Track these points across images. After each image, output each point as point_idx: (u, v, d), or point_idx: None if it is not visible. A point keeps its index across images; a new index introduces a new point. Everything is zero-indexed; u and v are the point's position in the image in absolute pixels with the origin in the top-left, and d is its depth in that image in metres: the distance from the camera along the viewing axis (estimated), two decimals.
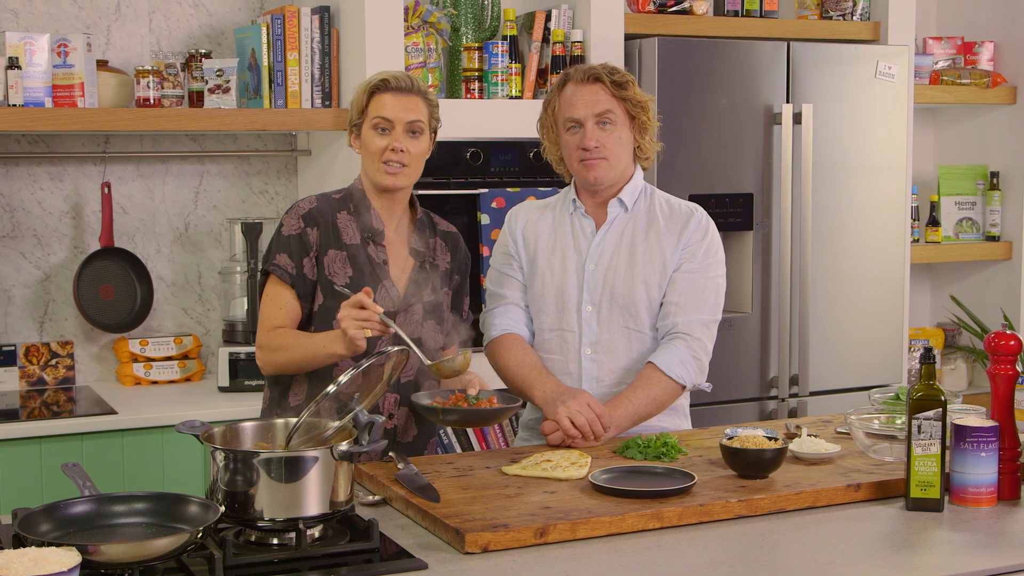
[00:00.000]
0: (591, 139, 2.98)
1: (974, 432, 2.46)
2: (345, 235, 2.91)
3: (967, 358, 5.26)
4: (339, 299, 2.83)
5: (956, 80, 5.04)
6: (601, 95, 2.98)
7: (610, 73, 3.01)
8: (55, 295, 4.14)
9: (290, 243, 2.90)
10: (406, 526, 2.35)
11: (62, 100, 3.77)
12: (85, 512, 2.13)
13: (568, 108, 3.01)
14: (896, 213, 4.61)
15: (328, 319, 2.87)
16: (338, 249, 2.90)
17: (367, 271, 2.89)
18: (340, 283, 2.88)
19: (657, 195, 3.12)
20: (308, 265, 2.89)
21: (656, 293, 3.03)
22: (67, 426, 3.59)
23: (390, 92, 2.88)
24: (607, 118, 2.98)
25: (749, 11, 4.49)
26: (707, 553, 2.21)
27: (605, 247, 3.05)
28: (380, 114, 2.88)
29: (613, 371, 3.03)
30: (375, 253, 2.92)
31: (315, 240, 2.89)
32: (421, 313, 2.94)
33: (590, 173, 3.01)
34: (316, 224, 2.90)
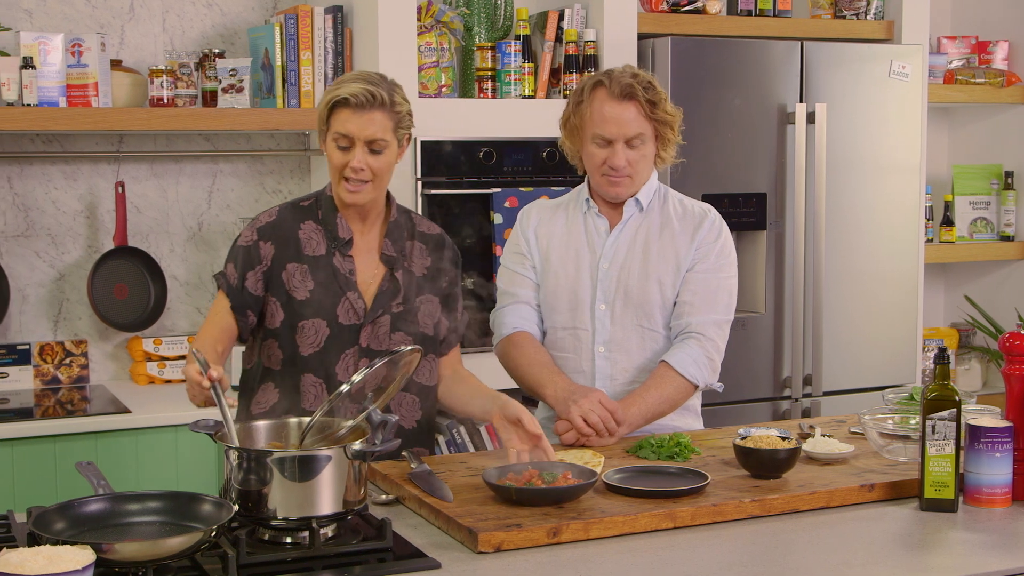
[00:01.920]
0: (620, 160, 2.96)
1: (989, 432, 2.45)
2: (308, 247, 2.80)
3: (981, 358, 5.24)
4: (297, 316, 2.76)
5: (970, 79, 5.03)
6: (634, 115, 2.94)
7: (645, 89, 2.96)
8: (69, 294, 4.16)
9: (242, 254, 2.81)
10: (419, 525, 2.35)
11: (76, 100, 3.78)
12: (99, 511, 2.14)
13: (599, 124, 2.96)
14: (910, 213, 4.60)
15: (290, 336, 2.78)
16: (299, 262, 2.79)
17: (330, 283, 2.79)
18: (300, 297, 2.77)
19: (671, 195, 3.12)
20: (252, 279, 2.78)
21: (670, 292, 3.03)
22: (81, 425, 3.60)
23: (349, 108, 2.71)
24: (638, 140, 2.96)
25: (762, 10, 4.48)
26: (720, 553, 2.21)
27: (619, 246, 3.05)
28: (339, 130, 2.72)
29: (627, 370, 3.03)
30: (341, 264, 2.81)
31: (268, 255, 2.79)
32: (390, 325, 2.82)
33: (613, 189, 3.01)
34: (271, 238, 2.80)
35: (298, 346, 2.79)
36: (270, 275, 2.79)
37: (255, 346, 2.89)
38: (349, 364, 2.80)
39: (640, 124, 2.95)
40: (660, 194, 3.10)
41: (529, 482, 2.38)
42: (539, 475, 2.41)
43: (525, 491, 2.34)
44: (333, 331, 2.78)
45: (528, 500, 2.34)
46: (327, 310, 2.78)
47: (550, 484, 2.38)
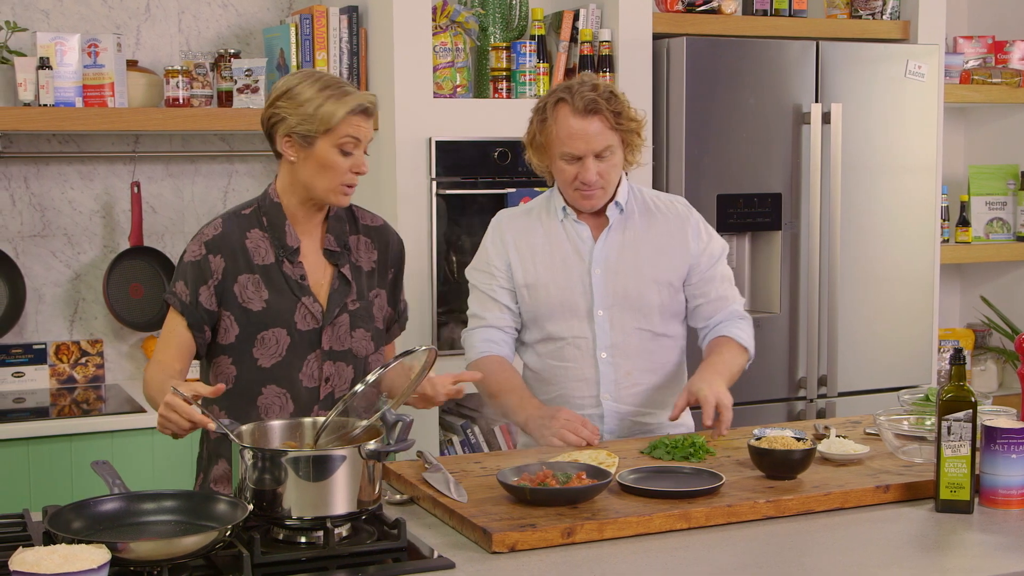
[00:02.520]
0: (591, 174, 2.94)
1: (1005, 433, 2.44)
2: (256, 256, 2.73)
3: (997, 359, 5.22)
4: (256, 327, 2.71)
5: (987, 79, 5.01)
6: (600, 129, 2.92)
7: (608, 101, 2.93)
8: (85, 294, 4.17)
9: (191, 270, 2.71)
10: (433, 525, 2.36)
11: (92, 100, 3.80)
12: (115, 510, 2.14)
13: (567, 142, 2.94)
14: (926, 213, 4.58)
15: (247, 350, 2.73)
16: (250, 272, 2.73)
17: (284, 291, 2.74)
18: (256, 308, 2.72)
19: (645, 192, 3.14)
20: (205, 294, 2.70)
21: (667, 293, 3.04)
22: (97, 424, 3.61)
23: (363, 114, 2.70)
24: (607, 152, 2.95)
25: (778, 10, 4.47)
26: (735, 554, 2.21)
27: (609, 251, 3.04)
28: (353, 134, 2.69)
29: (630, 372, 3.04)
30: (291, 271, 2.74)
31: (219, 268, 2.71)
32: (348, 323, 2.79)
33: (587, 202, 3.01)
34: (220, 251, 2.71)
35: (256, 359, 2.73)
36: (222, 289, 2.72)
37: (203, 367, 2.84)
38: (313, 369, 2.75)
39: (607, 136, 2.93)
40: (634, 192, 3.11)
41: (543, 482, 2.39)
42: (553, 475, 2.42)
43: (539, 491, 2.34)
44: (294, 339, 2.73)
45: (542, 500, 2.34)
46: (285, 318, 2.73)
47: (564, 484, 2.38)
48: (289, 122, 2.68)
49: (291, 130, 2.68)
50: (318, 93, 2.67)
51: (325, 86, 2.69)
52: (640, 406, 3.06)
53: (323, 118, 2.66)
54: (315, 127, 2.67)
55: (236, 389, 2.74)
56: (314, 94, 2.67)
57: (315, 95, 2.67)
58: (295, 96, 2.68)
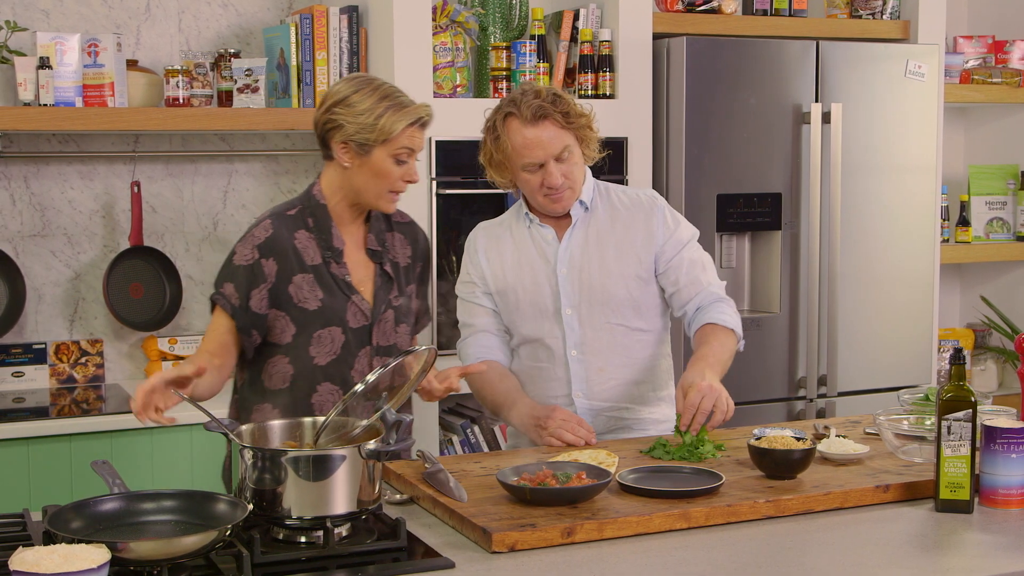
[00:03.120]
0: (556, 177, 2.95)
1: (1005, 433, 2.44)
2: (306, 256, 2.80)
3: (997, 359, 5.22)
4: (312, 326, 2.76)
5: (987, 79, 5.01)
6: (554, 132, 2.93)
7: (553, 104, 2.94)
8: (85, 293, 4.17)
9: (239, 273, 2.77)
10: (433, 525, 2.36)
11: (92, 100, 3.80)
12: (114, 509, 2.15)
13: (524, 152, 2.94)
14: (926, 213, 4.58)
15: (304, 349, 2.78)
16: (303, 272, 2.79)
17: (335, 291, 2.80)
18: (312, 307, 2.77)
19: (612, 189, 3.13)
20: (256, 298, 2.76)
21: (636, 286, 3.03)
22: (97, 424, 3.61)
23: (420, 126, 2.79)
24: (566, 152, 2.95)
25: (778, 10, 4.48)
26: (734, 554, 2.21)
27: (573, 249, 3.05)
28: (409, 145, 2.77)
29: (602, 368, 3.04)
30: (338, 271, 2.82)
31: (272, 272, 2.76)
32: (393, 319, 2.86)
33: (557, 205, 3.01)
34: (272, 254, 2.77)
35: (313, 358, 2.79)
36: (276, 292, 2.77)
37: (247, 366, 2.87)
38: (363, 366, 2.82)
39: (562, 138, 2.94)
40: (600, 190, 3.11)
41: (543, 482, 2.39)
42: (553, 475, 2.42)
43: (539, 491, 2.34)
44: (347, 336, 2.80)
45: (542, 500, 2.34)
46: (339, 316, 2.80)
47: (564, 484, 2.38)
48: (347, 130, 2.75)
49: (348, 137, 2.75)
50: (377, 103, 2.74)
51: (384, 96, 2.75)
52: (616, 401, 3.06)
53: (383, 129, 2.73)
54: (374, 137, 2.74)
55: (292, 388, 2.80)
56: (373, 104, 2.73)
57: (374, 105, 2.73)
58: (353, 104, 2.74)
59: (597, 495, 2.39)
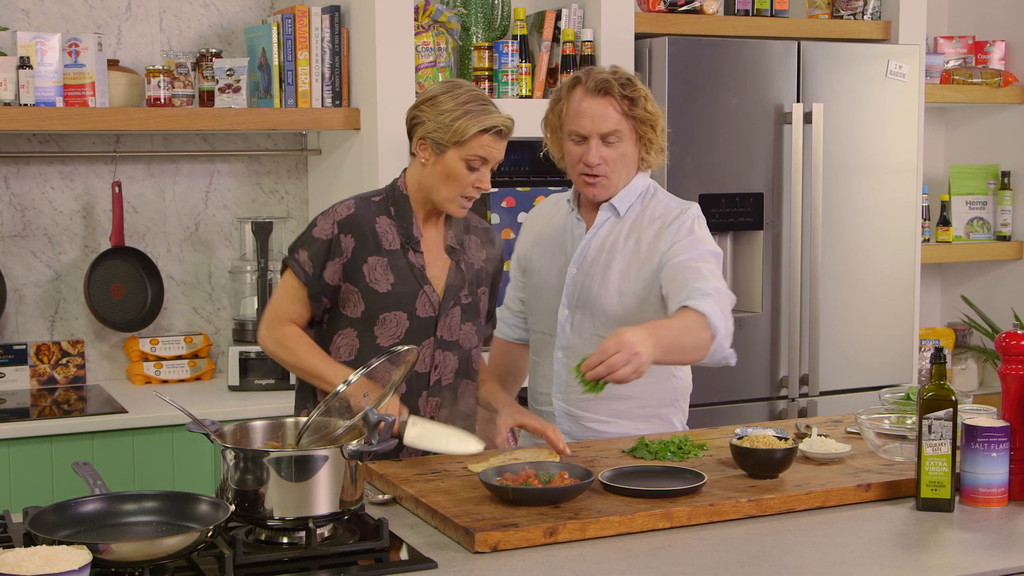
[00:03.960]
0: (594, 156, 2.91)
1: (985, 432, 2.45)
2: (384, 240, 2.87)
3: (978, 358, 5.25)
4: (379, 308, 2.84)
5: (967, 79, 5.03)
6: (610, 111, 2.90)
7: (622, 85, 2.91)
8: (66, 294, 4.15)
9: (316, 244, 2.85)
10: (416, 525, 2.36)
11: (73, 100, 3.78)
12: (96, 511, 2.14)
13: (575, 120, 2.93)
14: (907, 213, 4.60)
15: (369, 328, 2.85)
16: (379, 255, 2.86)
17: (408, 277, 2.87)
18: (382, 290, 2.84)
19: (658, 198, 3.02)
20: (331, 269, 2.84)
21: (632, 304, 2.93)
22: (78, 425, 3.60)
23: (495, 135, 2.81)
24: (614, 137, 2.92)
25: (760, 10, 4.49)
26: (717, 553, 2.21)
27: (589, 251, 3.00)
28: (481, 154, 2.79)
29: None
30: (415, 259, 2.88)
31: (349, 248, 2.84)
32: (460, 316, 2.93)
33: (589, 190, 2.98)
34: (351, 231, 2.85)
35: (376, 338, 2.85)
36: (351, 267, 2.85)
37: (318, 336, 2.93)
38: (425, 356, 2.88)
39: (615, 120, 2.91)
40: (644, 198, 3.01)
41: (526, 482, 2.39)
42: (536, 475, 2.42)
43: (522, 491, 2.35)
44: (412, 324, 2.86)
45: (525, 500, 2.35)
46: (407, 303, 2.86)
47: (547, 484, 2.38)
48: (427, 127, 2.82)
49: (427, 134, 2.83)
50: (459, 106, 2.80)
51: (467, 100, 2.81)
52: (595, 412, 3.01)
53: (456, 131, 2.79)
54: (448, 137, 2.80)
55: (355, 363, 2.83)
56: (454, 106, 2.80)
57: (455, 107, 2.80)
58: (438, 104, 2.82)
59: (579, 495, 2.39)
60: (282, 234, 4.27)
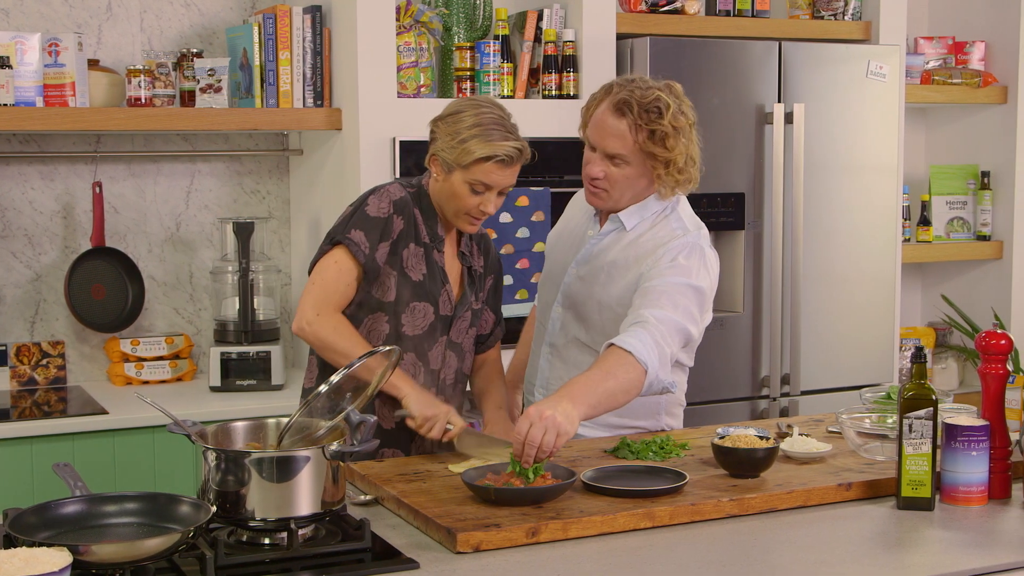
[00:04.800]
0: (596, 169, 2.86)
1: (965, 431, 2.46)
2: (421, 232, 2.89)
3: (958, 357, 5.27)
4: (411, 296, 2.84)
5: (947, 80, 5.05)
6: (620, 135, 2.80)
7: (647, 112, 2.77)
8: (46, 295, 4.14)
9: (373, 224, 2.82)
10: (398, 526, 2.35)
11: (53, 100, 3.77)
12: (76, 512, 2.13)
13: (591, 129, 2.88)
14: (887, 212, 4.61)
15: (398, 315, 2.86)
16: (417, 244, 2.87)
17: (435, 272, 2.89)
18: (415, 278, 2.85)
19: (669, 221, 2.91)
20: (383, 251, 2.83)
21: (609, 318, 2.89)
22: (58, 426, 3.58)
23: (500, 163, 2.78)
24: (619, 160, 2.83)
25: (741, 11, 4.49)
26: (698, 552, 2.22)
27: (590, 257, 2.98)
28: (483, 180, 2.78)
29: (561, 378, 2.97)
30: (438, 259, 2.91)
31: (397, 230, 2.84)
32: (469, 320, 2.97)
33: (591, 199, 2.95)
34: (402, 214, 2.85)
35: (403, 325, 2.87)
36: (395, 249, 2.85)
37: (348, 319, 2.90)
38: (438, 352, 2.91)
39: (623, 145, 2.80)
40: (657, 218, 2.92)
41: (508, 482, 2.39)
42: (517, 475, 2.42)
43: (504, 491, 2.35)
44: (435, 318, 2.89)
45: (507, 500, 2.35)
46: (434, 296, 2.88)
47: (529, 484, 2.38)
48: (438, 144, 2.84)
49: (437, 152, 2.84)
50: (468, 129, 2.79)
51: (477, 124, 2.79)
52: None
53: (459, 154, 2.79)
54: (453, 159, 2.80)
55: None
56: (464, 128, 2.79)
57: (463, 129, 2.79)
58: (452, 123, 2.82)
59: (562, 495, 2.39)
60: (263, 234, 4.26)
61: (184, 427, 2.28)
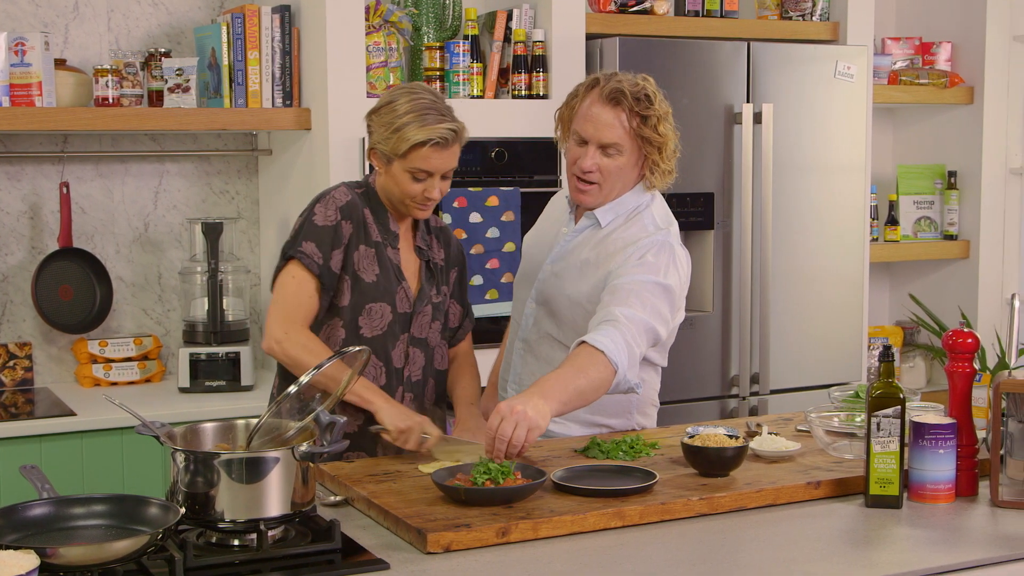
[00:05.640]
0: (589, 162, 2.86)
1: (932, 429, 2.48)
2: (371, 231, 2.88)
3: (926, 356, 5.30)
4: (366, 298, 2.84)
5: (914, 80, 5.08)
6: (616, 124, 2.84)
7: (637, 100, 2.85)
8: (13, 296, 4.11)
9: (322, 233, 2.81)
10: (368, 526, 2.35)
11: (19, 99, 3.74)
12: (44, 514, 2.11)
13: (581, 122, 2.88)
14: (855, 212, 4.64)
15: (354, 318, 2.85)
16: (368, 246, 2.87)
17: (389, 271, 2.88)
18: (368, 279, 2.84)
19: (642, 218, 2.94)
20: (336, 258, 2.83)
21: (579, 315, 2.89)
22: (25, 428, 3.56)
23: (434, 147, 2.78)
24: (613, 149, 2.86)
25: (710, 11, 4.51)
26: (669, 551, 2.22)
27: (564, 254, 3.00)
28: (422, 167, 2.78)
29: (534, 373, 2.99)
30: (392, 255, 2.90)
31: (347, 234, 2.83)
32: (431, 314, 2.96)
33: (578, 195, 2.94)
34: (350, 218, 2.84)
35: (360, 328, 2.86)
36: (347, 254, 2.84)
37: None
38: (401, 351, 2.89)
39: (619, 134, 2.84)
40: (631, 216, 2.95)
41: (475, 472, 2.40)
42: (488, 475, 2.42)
43: (474, 491, 2.34)
44: (394, 317, 2.88)
45: (477, 500, 2.35)
46: (390, 295, 2.87)
47: (499, 484, 2.38)
48: (374, 137, 2.84)
49: (375, 145, 2.84)
50: (399, 118, 2.78)
51: (410, 111, 2.78)
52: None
53: (396, 143, 2.78)
54: (389, 149, 2.80)
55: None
56: (395, 117, 2.78)
57: (396, 119, 2.78)
58: (383, 114, 2.82)
59: (532, 495, 2.39)
60: (232, 235, 4.24)
61: (153, 428, 2.27)
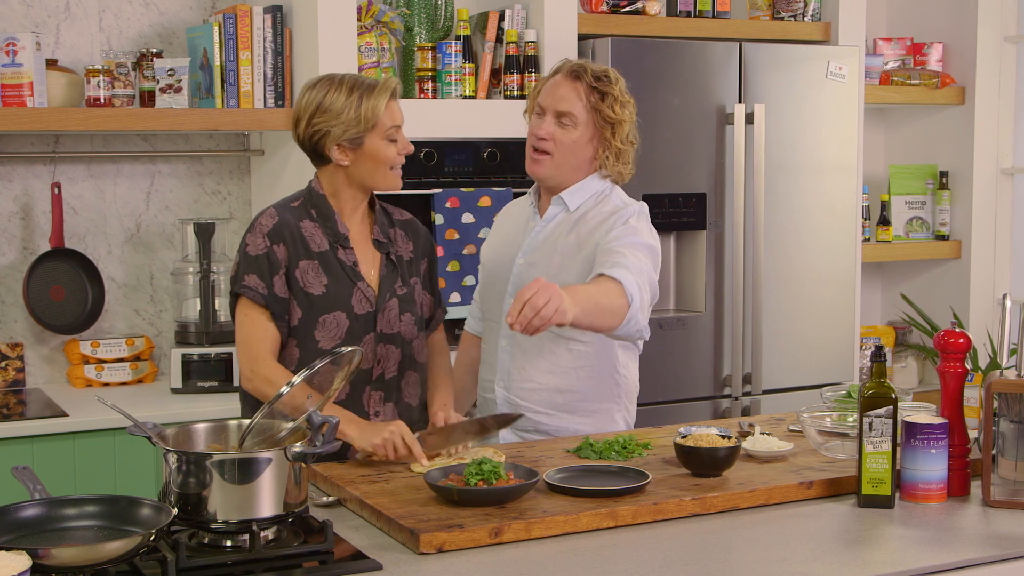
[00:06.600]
0: (544, 129, 2.98)
1: (924, 429, 2.48)
2: (312, 243, 2.87)
3: (917, 356, 5.31)
4: (317, 311, 2.83)
5: (906, 81, 5.09)
6: (573, 95, 2.97)
7: (596, 77, 2.98)
8: (4, 297, 4.10)
9: (258, 263, 2.83)
10: (360, 527, 2.35)
11: (11, 100, 3.73)
12: (36, 515, 2.11)
13: (543, 92, 3.02)
14: (847, 212, 4.64)
15: (310, 333, 2.85)
16: (309, 259, 2.86)
17: (340, 276, 2.87)
18: (317, 292, 2.84)
19: (611, 198, 3.04)
20: (279, 284, 2.83)
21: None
22: (17, 429, 3.55)
23: (393, 99, 2.86)
24: (568, 119, 2.97)
25: (701, 12, 4.51)
26: (661, 551, 2.22)
27: (537, 244, 3.05)
28: (395, 122, 2.86)
29: (524, 367, 3.03)
30: (345, 256, 2.89)
31: (283, 257, 2.84)
32: (398, 308, 2.94)
33: (531, 166, 3.04)
34: (282, 239, 2.85)
35: (318, 341, 2.85)
36: (288, 276, 2.85)
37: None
38: (367, 351, 2.88)
39: (575, 104, 2.97)
40: (599, 198, 3.04)
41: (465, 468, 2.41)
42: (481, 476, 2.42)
43: (467, 491, 2.34)
44: (352, 322, 2.87)
45: (470, 500, 2.35)
46: (344, 302, 2.86)
47: (492, 484, 2.38)
48: (335, 133, 2.83)
49: (339, 139, 2.83)
50: (348, 97, 2.82)
51: (351, 88, 2.83)
52: (535, 403, 3.03)
53: (366, 118, 2.82)
54: (362, 128, 2.82)
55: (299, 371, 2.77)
56: (346, 100, 2.82)
57: (347, 101, 2.82)
58: (329, 108, 2.83)
59: (525, 495, 2.39)
60: (224, 235, 4.24)
61: (145, 429, 2.26)
